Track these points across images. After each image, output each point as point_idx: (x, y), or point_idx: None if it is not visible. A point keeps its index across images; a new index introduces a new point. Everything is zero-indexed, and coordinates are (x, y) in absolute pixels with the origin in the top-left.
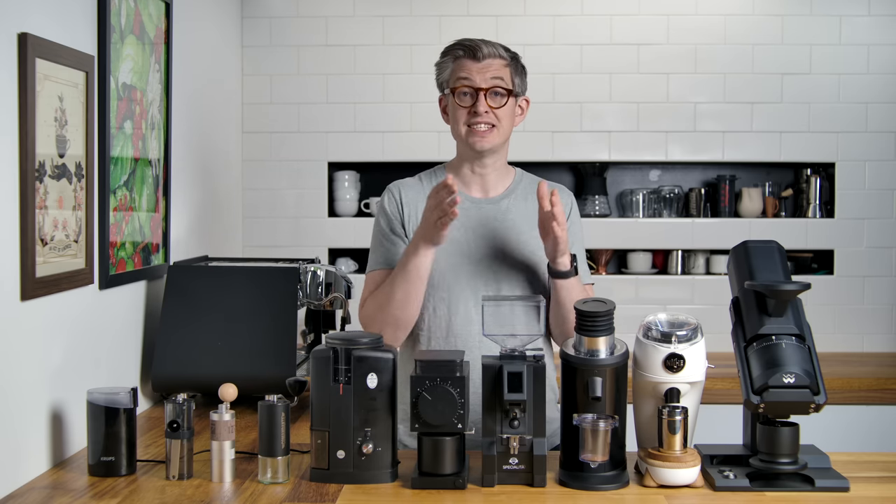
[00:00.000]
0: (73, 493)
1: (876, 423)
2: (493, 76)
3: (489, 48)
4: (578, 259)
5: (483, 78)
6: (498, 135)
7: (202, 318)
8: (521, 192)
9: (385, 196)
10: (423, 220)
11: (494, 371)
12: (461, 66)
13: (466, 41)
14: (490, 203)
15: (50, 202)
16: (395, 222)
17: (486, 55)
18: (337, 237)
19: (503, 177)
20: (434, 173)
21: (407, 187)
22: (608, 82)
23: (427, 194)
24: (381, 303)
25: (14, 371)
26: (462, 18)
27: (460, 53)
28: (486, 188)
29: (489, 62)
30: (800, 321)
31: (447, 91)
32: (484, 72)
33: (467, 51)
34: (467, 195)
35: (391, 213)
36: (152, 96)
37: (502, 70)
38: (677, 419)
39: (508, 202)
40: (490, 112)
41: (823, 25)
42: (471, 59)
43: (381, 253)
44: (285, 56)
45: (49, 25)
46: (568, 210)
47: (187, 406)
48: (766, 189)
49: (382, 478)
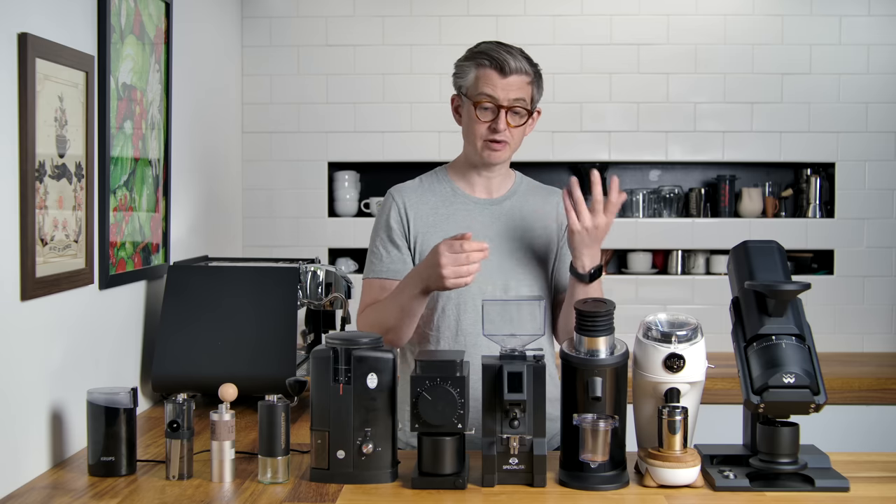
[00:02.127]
0: (73, 493)
1: (876, 423)
2: (517, 96)
3: (516, 63)
4: None
5: (506, 96)
6: (510, 150)
7: (202, 318)
8: (523, 194)
9: (386, 202)
10: (432, 266)
11: (494, 371)
12: (486, 79)
13: (494, 52)
14: (494, 204)
15: (50, 202)
16: (396, 232)
17: (514, 70)
18: (337, 237)
19: (506, 179)
20: (435, 175)
21: (408, 191)
22: (608, 82)
23: (427, 196)
24: (373, 321)
25: (14, 371)
26: (462, 18)
27: (486, 63)
28: (491, 190)
29: (514, 79)
30: (800, 321)
31: (465, 97)
32: (507, 89)
33: (494, 63)
34: (472, 197)
35: (393, 223)
36: (152, 96)
37: (525, 89)
38: (677, 419)
39: (512, 203)
40: (508, 130)
41: (823, 25)
42: (498, 72)
43: (379, 261)
44: (285, 56)
45: (49, 25)
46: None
47: (187, 406)
48: (766, 189)
49: (382, 478)
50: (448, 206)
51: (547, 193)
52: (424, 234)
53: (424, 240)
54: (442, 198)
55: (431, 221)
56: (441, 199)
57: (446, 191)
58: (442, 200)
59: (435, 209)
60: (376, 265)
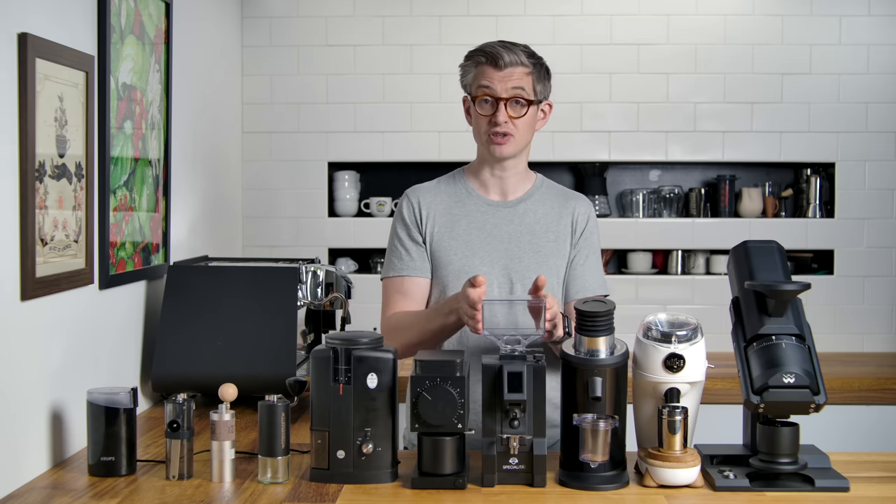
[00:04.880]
0: (73, 493)
1: (876, 423)
2: (514, 86)
3: (511, 56)
4: (595, 269)
5: (504, 87)
6: (516, 143)
7: (202, 318)
8: (539, 197)
9: (403, 202)
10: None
11: (494, 371)
12: (483, 74)
13: (489, 47)
14: (507, 206)
15: (50, 202)
16: (413, 229)
17: (508, 63)
18: (337, 237)
19: (523, 181)
20: (452, 176)
21: (424, 192)
22: (608, 82)
23: (441, 197)
24: (394, 328)
25: (14, 371)
26: (462, 18)
27: (482, 59)
28: (505, 191)
29: (511, 70)
30: (800, 321)
31: (469, 96)
32: (505, 81)
33: (489, 58)
34: (485, 198)
35: (409, 221)
36: (152, 96)
37: (524, 79)
38: (677, 419)
39: (526, 206)
40: (509, 122)
41: (823, 25)
42: (492, 66)
43: (399, 259)
44: (285, 56)
45: (49, 25)
46: (585, 220)
47: (187, 406)
48: (766, 189)
49: (382, 478)
50: (462, 207)
51: (565, 198)
52: (438, 233)
53: (438, 240)
54: (456, 199)
55: (445, 222)
56: (455, 200)
57: (461, 192)
58: (456, 201)
59: (449, 209)
60: (396, 263)
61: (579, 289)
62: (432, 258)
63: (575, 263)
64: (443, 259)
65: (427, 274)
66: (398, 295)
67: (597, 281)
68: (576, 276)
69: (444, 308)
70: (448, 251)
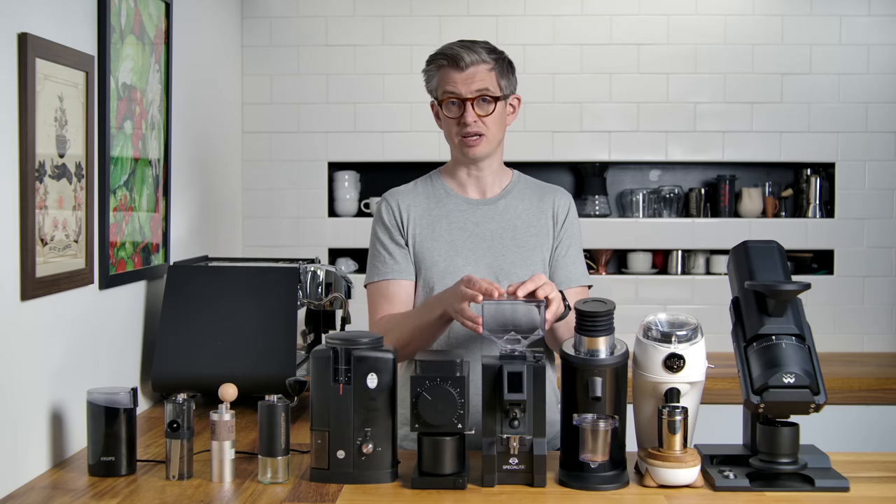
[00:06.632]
0: (73, 493)
1: (876, 423)
2: (478, 86)
3: (471, 55)
4: (577, 260)
5: (468, 88)
6: (488, 141)
7: (202, 318)
8: (518, 193)
9: (381, 206)
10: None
11: (494, 371)
12: (446, 77)
13: (449, 49)
14: (487, 204)
15: (50, 202)
16: (395, 232)
17: (470, 63)
18: (337, 237)
19: (500, 177)
20: (429, 178)
21: (402, 194)
22: (608, 82)
23: (420, 199)
24: (384, 332)
25: (14, 371)
26: (462, 18)
27: (444, 63)
28: (483, 189)
29: (473, 70)
30: (800, 321)
31: (436, 101)
32: (469, 82)
33: (450, 60)
34: (464, 197)
35: (390, 224)
36: (152, 96)
37: (487, 77)
38: (677, 419)
39: (506, 202)
40: (478, 121)
41: (823, 25)
42: (454, 68)
43: (383, 263)
44: (285, 56)
45: (49, 25)
46: (565, 212)
47: (187, 406)
48: (766, 189)
49: (382, 478)
50: (441, 207)
51: (544, 192)
52: (421, 235)
53: (421, 241)
54: (435, 199)
55: (425, 223)
56: (434, 201)
57: (439, 192)
58: (435, 202)
59: (428, 210)
60: (380, 267)
61: (563, 279)
62: (416, 260)
63: (557, 255)
64: (427, 261)
65: (411, 276)
66: (383, 299)
67: (580, 270)
68: (559, 267)
69: (432, 303)
70: (432, 252)
